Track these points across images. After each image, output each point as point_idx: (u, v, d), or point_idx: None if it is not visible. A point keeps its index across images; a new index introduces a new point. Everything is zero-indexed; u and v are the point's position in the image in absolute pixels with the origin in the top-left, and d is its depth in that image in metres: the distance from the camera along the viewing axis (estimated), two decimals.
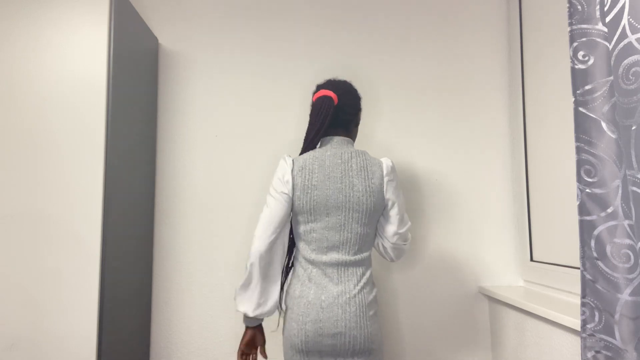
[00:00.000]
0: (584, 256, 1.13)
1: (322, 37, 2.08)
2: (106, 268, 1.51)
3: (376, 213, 1.45)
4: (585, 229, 1.12)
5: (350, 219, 1.41)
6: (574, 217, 1.16)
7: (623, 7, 1.00)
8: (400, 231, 1.47)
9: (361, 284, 1.40)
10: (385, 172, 1.45)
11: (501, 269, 2.02)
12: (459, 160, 2.06)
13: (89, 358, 1.45)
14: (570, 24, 1.17)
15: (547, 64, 1.82)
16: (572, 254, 1.63)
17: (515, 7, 2.04)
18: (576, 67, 1.15)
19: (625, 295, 1.05)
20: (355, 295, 1.38)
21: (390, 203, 1.46)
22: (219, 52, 2.07)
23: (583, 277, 1.13)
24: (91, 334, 1.46)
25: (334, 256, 1.41)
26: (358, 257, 1.42)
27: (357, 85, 2.05)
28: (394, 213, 1.46)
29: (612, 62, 1.04)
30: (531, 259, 1.94)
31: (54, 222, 1.50)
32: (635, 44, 0.97)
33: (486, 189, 2.05)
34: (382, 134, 2.05)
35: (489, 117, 2.08)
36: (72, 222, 1.50)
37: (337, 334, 1.35)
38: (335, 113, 1.49)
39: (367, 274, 1.44)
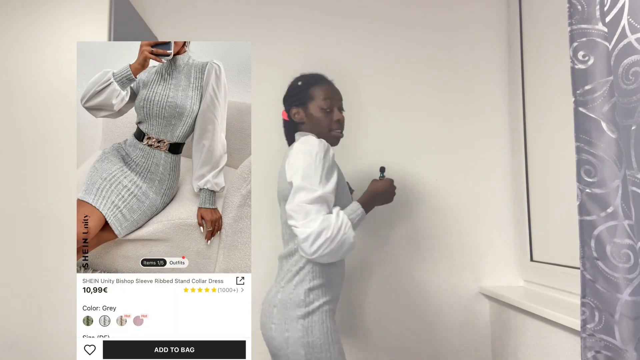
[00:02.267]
0: (584, 256, 1.13)
1: (319, 34, 2.08)
2: None
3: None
4: (585, 229, 1.12)
5: (281, 208, 1.43)
6: (574, 217, 1.15)
7: (623, 7, 1.00)
8: (289, 206, 1.28)
9: (294, 281, 1.32)
10: (290, 151, 1.39)
11: (501, 269, 2.02)
12: (459, 160, 2.06)
13: None
14: (570, 24, 1.17)
15: (547, 64, 1.82)
16: (572, 254, 1.63)
17: (515, 7, 2.04)
18: (576, 67, 1.15)
19: (625, 295, 1.05)
20: (279, 292, 1.33)
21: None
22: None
23: (583, 277, 1.13)
24: None
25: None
26: (288, 249, 1.38)
27: (352, 82, 2.04)
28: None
29: (612, 62, 1.04)
30: (531, 259, 1.94)
31: (54, 222, 1.50)
32: (635, 44, 0.97)
33: (486, 188, 2.05)
34: (379, 134, 2.05)
35: (489, 116, 2.08)
36: (72, 222, 1.50)
37: (263, 330, 1.36)
38: (289, 125, 1.52)
39: (305, 270, 1.32)
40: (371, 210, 1.45)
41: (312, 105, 1.46)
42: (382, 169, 1.54)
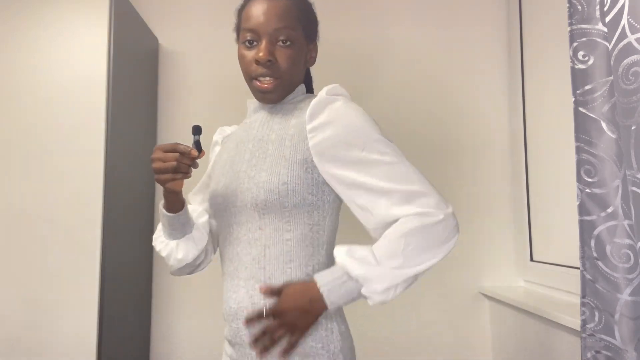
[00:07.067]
0: (584, 256, 1.13)
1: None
2: (106, 268, 1.51)
3: None
4: (585, 229, 1.12)
5: None
6: (574, 217, 1.16)
7: (623, 7, 1.00)
8: None
9: None
10: None
11: (501, 269, 2.02)
12: (459, 160, 2.06)
13: (89, 358, 1.45)
14: (570, 24, 1.17)
15: (547, 64, 1.82)
16: (572, 254, 1.63)
17: (515, 7, 2.04)
18: (576, 67, 1.15)
19: (625, 295, 1.05)
20: None
21: None
22: (220, 52, 2.07)
23: (583, 277, 1.13)
24: (91, 334, 1.46)
25: None
26: None
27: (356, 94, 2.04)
28: None
29: (611, 62, 1.03)
30: (531, 259, 1.93)
31: (54, 223, 1.50)
32: (635, 44, 0.97)
33: (486, 188, 2.05)
34: None
35: (489, 117, 2.07)
36: (72, 222, 1.50)
37: None
38: None
39: None
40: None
41: (239, 40, 0.98)
42: (196, 130, 0.99)
